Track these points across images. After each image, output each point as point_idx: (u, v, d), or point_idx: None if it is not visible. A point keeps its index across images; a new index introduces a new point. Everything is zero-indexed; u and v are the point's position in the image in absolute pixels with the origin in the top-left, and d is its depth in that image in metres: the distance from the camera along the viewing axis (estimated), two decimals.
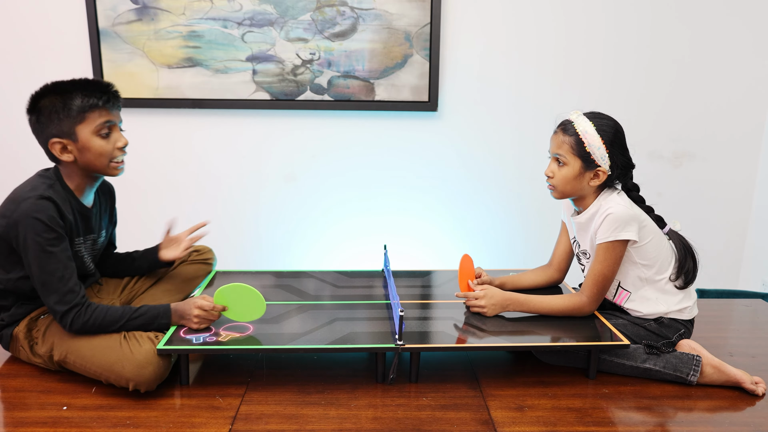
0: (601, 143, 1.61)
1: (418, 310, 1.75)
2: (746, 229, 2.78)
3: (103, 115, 1.55)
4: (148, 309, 1.57)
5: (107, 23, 2.47)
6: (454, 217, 2.74)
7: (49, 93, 1.53)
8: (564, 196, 1.71)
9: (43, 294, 1.51)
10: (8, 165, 2.63)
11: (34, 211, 1.47)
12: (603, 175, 1.64)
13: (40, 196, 1.48)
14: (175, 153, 2.64)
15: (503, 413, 1.44)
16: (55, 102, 1.51)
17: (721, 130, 2.67)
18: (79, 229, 1.61)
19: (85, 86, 1.54)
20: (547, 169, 1.70)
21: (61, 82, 1.55)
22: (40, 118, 1.52)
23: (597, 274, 1.64)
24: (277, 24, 2.50)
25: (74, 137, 1.53)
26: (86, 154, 1.55)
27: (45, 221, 1.47)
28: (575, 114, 1.66)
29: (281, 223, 2.72)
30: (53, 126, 1.52)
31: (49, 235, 1.48)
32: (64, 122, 1.52)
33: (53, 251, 1.48)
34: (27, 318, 1.60)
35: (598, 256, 1.64)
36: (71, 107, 1.51)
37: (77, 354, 1.51)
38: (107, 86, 1.58)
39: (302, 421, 1.41)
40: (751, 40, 2.59)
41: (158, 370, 1.48)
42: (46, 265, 1.48)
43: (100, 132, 1.55)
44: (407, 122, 2.64)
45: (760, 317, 2.06)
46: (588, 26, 2.57)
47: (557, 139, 1.67)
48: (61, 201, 1.53)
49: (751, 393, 1.54)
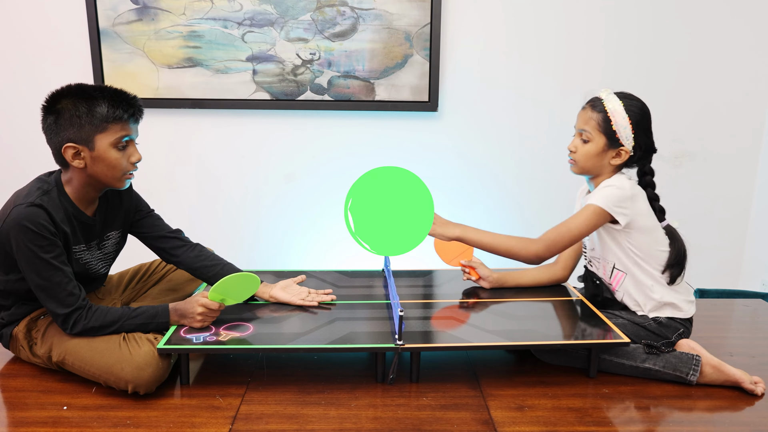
0: (628, 123, 1.61)
1: (418, 309, 1.75)
2: (746, 229, 2.78)
3: (125, 128, 1.53)
4: (146, 309, 1.57)
5: (107, 23, 2.48)
6: (454, 216, 2.70)
7: (72, 95, 1.50)
8: (583, 171, 1.71)
9: (42, 299, 1.50)
10: (8, 165, 2.63)
11: (23, 219, 1.44)
12: (625, 154, 1.64)
13: (31, 203, 1.46)
14: (175, 153, 2.64)
15: (503, 413, 1.44)
16: (79, 106, 1.48)
17: (721, 130, 2.67)
18: (78, 237, 1.58)
19: (113, 96, 1.51)
20: (571, 144, 1.70)
21: (87, 86, 1.52)
22: (59, 120, 1.49)
23: (565, 226, 1.64)
24: (278, 24, 2.50)
25: (91, 145, 1.50)
26: (99, 164, 1.53)
27: (33, 229, 1.44)
28: (605, 92, 1.66)
29: (281, 223, 2.72)
30: (72, 130, 1.48)
31: (40, 242, 1.45)
32: (84, 128, 1.48)
33: (46, 257, 1.46)
34: (27, 318, 1.60)
35: (578, 213, 1.64)
36: (95, 114, 1.48)
37: (76, 356, 1.51)
38: (134, 99, 1.56)
39: (302, 421, 1.41)
40: (752, 40, 2.59)
41: (157, 372, 1.48)
42: (41, 271, 1.47)
43: (118, 145, 1.53)
44: (407, 122, 2.64)
45: (760, 317, 2.06)
46: (588, 26, 2.57)
47: (585, 114, 1.68)
48: (54, 209, 1.49)
49: (751, 393, 1.54)
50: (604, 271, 1.74)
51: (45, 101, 1.51)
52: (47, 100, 1.51)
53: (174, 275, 1.90)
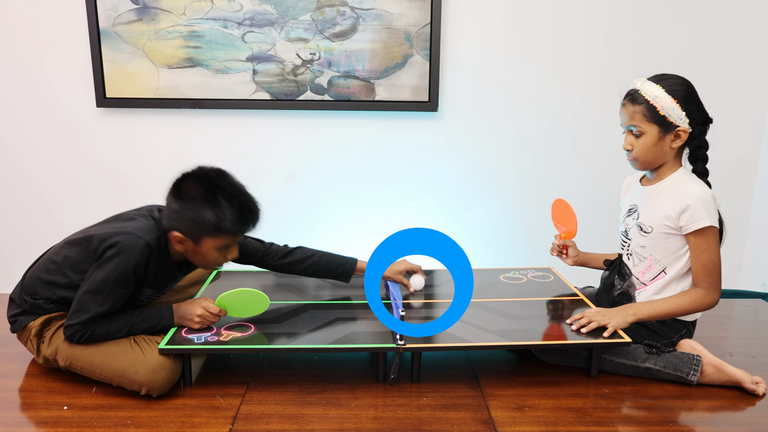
0: (674, 103, 1.57)
1: (419, 309, 1.75)
2: (746, 229, 2.78)
3: (235, 240, 1.55)
4: (151, 312, 1.57)
5: (107, 23, 2.47)
6: (454, 216, 2.74)
7: (200, 186, 1.48)
8: (648, 165, 1.66)
9: (75, 309, 1.49)
10: (8, 165, 2.63)
11: (130, 251, 1.46)
12: (684, 134, 1.60)
13: (147, 243, 1.48)
14: (175, 153, 2.64)
15: (503, 413, 1.44)
16: (203, 208, 1.46)
17: (721, 130, 2.66)
18: (155, 284, 1.60)
19: (239, 211, 1.49)
20: (625, 143, 1.64)
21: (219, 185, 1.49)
22: (180, 212, 1.48)
23: (706, 262, 1.58)
24: (278, 24, 2.50)
25: (197, 242, 1.52)
26: (197, 257, 1.56)
27: (131, 265, 1.46)
28: (639, 81, 1.62)
29: (281, 222, 2.72)
30: (184, 225, 1.49)
31: (123, 276, 1.47)
32: (196, 229, 1.49)
33: (115, 289, 1.48)
34: (46, 315, 1.57)
35: (698, 246, 1.58)
36: (211, 223, 1.47)
37: (85, 360, 1.50)
38: (256, 219, 1.54)
39: (303, 420, 1.41)
40: (751, 40, 2.59)
41: (172, 374, 1.48)
42: (99, 292, 1.47)
43: (222, 249, 1.54)
44: (407, 122, 2.64)
45: (760, 317, 2.06)
46: (588, 26, 2.57)
47: (627, 110, 1.62)
48: (155, 256, 1.52)
49: (752, 393, 1.53)
50: (645, 269, 1.68)
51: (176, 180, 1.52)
52: (179, 180, 1.51)
53: None
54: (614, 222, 1.89)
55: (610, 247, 2.02)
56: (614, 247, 1.86)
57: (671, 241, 1.63)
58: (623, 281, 1.72)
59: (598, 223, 2.54)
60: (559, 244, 1.91)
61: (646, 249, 1.67)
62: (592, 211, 2.60)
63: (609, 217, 2.55)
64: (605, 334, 1.56)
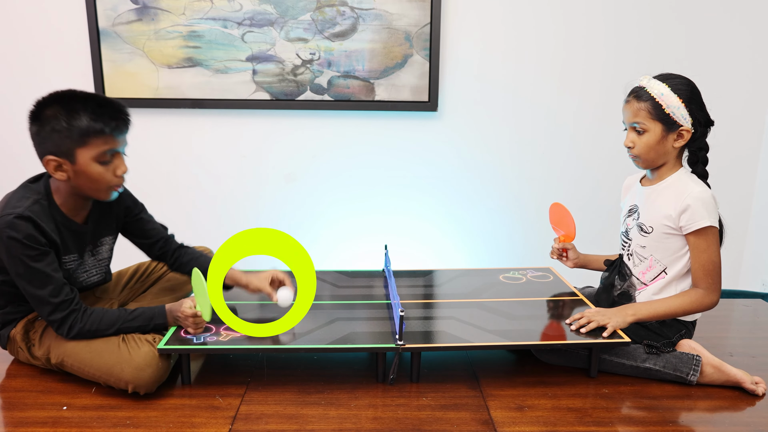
0: (679, 102, 1.57)
1: (419, 309, 1.75)
2: (746, 229, 2.78)
3: (108, 142, 1.46)
4: (143, 311, 1.56)
5: (107, 23, 2.47)
6: (454, 216, 2.73)
7: (54, 104, 1.43)
8: (649, 164, 1.65)
9: (35, 306, 1.48)
10: (7, 165, 2.63)
11: (11, 230, 1.40)
12: (687, 134, 1.60)
13: (19, 215, 1.41)
14: (175, 153, 2.64)
15: (503, 413, 1.44)
16: (59, 117, 1.40)
17: (721, 130, 2.65)
18: (69, 246, 1.54)
19: (95, 108, 1.43)
20: (626, 140, 1.64)
21: (71, 94, 1.44)
22: (41, 131, 1.43)
23: (705, 262, 1.58)
24: (277, 24, 2.50)
25: (72, 159, 1.44)
26: (81, 178, 1.47)
27: (22, 240, 1.40)
28: (645, 79, 1.62)
29: (281, 223, 2.72)
30: (51, 143, 1.42)
31: (30, 252, 1.42)
32: (64, 142, 1.41)
33: (37, 266, 1.43)
34: (24, 320, 1.59)
35: (698, 246, 1.58)
36: (74, 128, 1.41)
37: (75, 357, 1.50)
38: (118, 112, 1.47)
39: (302, 421, 1.41)
40: (751, 40, 2.59)
41: (157, 373, 1.47)
42: (32, 279, 1.44)
43: (101, 159, 1.46)
44: (407, 122, 2.64)
45: (760, 317, 2.06)
46: (588, 27, 2.57)
47: (632, 107, 1.62)
48: (44, 219, 1.45)
49: (752, 393, 1.53)
50: (645, 269, 1.68)
51: (31, 108, 1.45)
52: (33, 107, 1.45)
53: (173, 274, 1.90)
54: (614, 222, 1.89)
55: (609, 247, 2.02)
56: (614, 247, 1.86)
57: (672, 242, 1.63)
58: (623, 281, 1.72)
59: (597, 223, 2.54)
60: (558, 247, 1.91)
61: (646, 249, 1.67)
62: (592, 211, 2.60)
63: (609, 217, 2.55)
64: (605, 334, 1.56)
